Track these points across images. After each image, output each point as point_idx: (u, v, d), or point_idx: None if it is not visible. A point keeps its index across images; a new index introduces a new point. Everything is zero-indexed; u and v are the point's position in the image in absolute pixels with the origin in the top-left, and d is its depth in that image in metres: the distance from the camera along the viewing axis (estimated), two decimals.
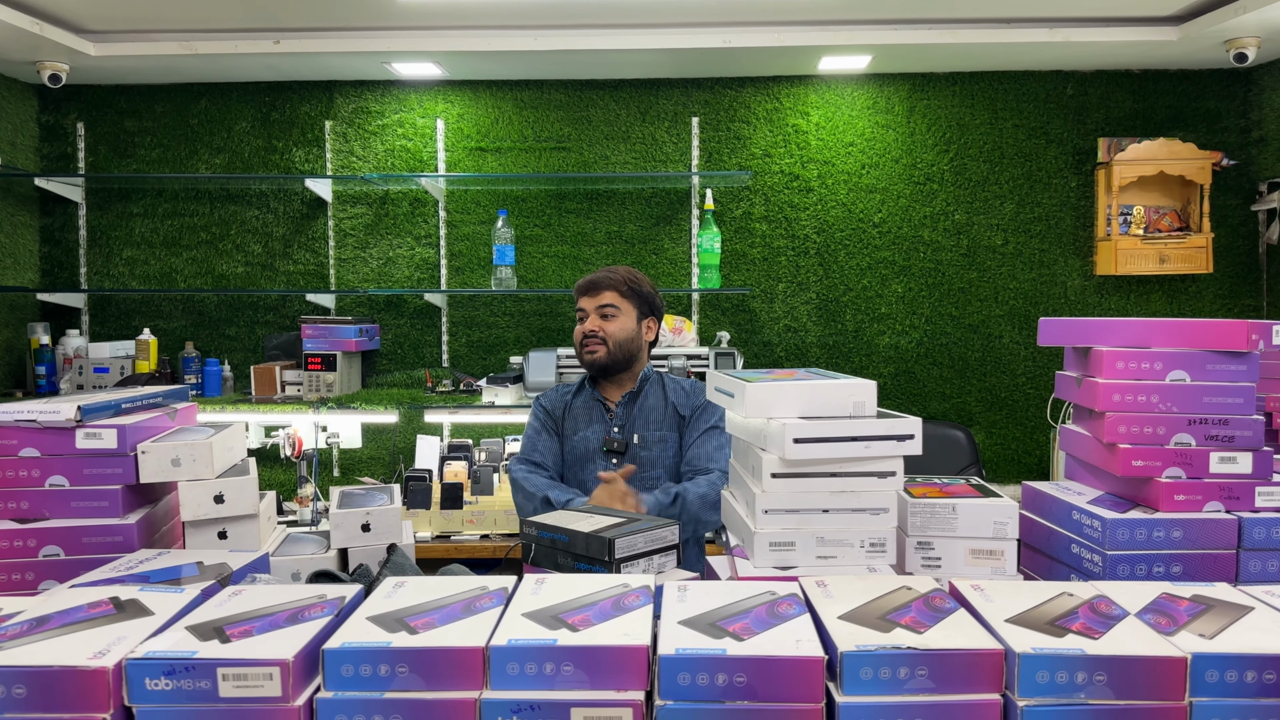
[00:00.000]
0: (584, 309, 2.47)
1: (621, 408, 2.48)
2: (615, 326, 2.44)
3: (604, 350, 2.43)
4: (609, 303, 2.44)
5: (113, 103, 3.89)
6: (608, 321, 2.44)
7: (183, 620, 1.05)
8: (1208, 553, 1.40)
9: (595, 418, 2.48)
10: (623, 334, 2.44)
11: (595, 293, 2.46)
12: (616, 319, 2.45)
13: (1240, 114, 3.75)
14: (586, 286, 2.48)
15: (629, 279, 2.47)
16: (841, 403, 1.40)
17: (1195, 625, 1.01)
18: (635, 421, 2.45)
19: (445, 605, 1.07)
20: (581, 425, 2.48)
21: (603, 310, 2.44)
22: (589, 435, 2.46)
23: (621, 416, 2.47)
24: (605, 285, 2.45)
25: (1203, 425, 1.46)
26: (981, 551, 1.42)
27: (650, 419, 2.45)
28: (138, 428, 1.53)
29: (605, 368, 2.45)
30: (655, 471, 2.39)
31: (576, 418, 2.50)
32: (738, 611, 1.05)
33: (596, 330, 2.44)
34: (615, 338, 2.44)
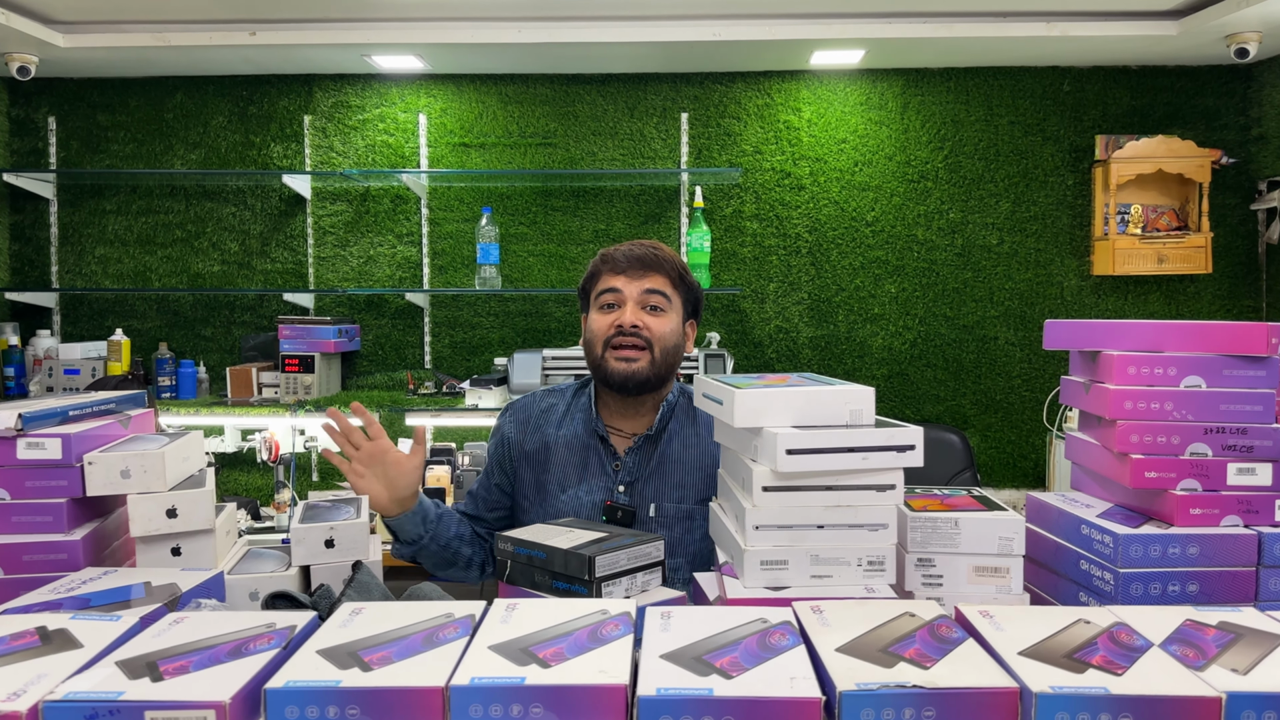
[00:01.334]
0: (619, 291, 1.70)
1: (633, 454, 1.73)
2: (666, 327, 1.71)
3: (647, 359, 1.69)
4: (659, 289, 1.71)
5: (85, 96, 3.77)
6: (655, 318, 1.71)
7: (114, 654, 0.95)
8: (1226, 570, 1.32)
9: (593, 466, 1.73)
10: (673, 338, 1.72)
11: (641, 272, 1.70)
12: (666, 316, 1.72)
13: (1240, 111, 3.68)
14: (628, 261, 1.71)
15: (680, 264, 1.76)
16: (837, 411, 1.31)
17: (1226, 658, 0.92)
18: (651, 481, 1.72)
19: (405, 636, 0.97)
20: (571, 477, 1.73)
21: (650, 299, 1.71)
22: (581, 495, 1.71)
23: (631, 468, 1.72)
24: (655, 265, 1.71)
25: (1220, 434, 1.38)
26: (986, 569, 1.33)
27: (673, 479, 1.71)
28: (85, 436, 1.43)
29: (644, 384, 1.70)
30: (673, 560, 1.66)
31: (564, 463, 1.74)
32: (726, 643, 0.96)
33: (641, 326, 1.69)
34: (664, 342, 1.70)
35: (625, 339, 1.68)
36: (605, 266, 1.74)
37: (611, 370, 1.69)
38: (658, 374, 1.71)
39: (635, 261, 1.71)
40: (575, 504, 1.72)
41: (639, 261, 1.71)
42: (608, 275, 1.73)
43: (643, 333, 1.69)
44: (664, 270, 1.73)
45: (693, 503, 1.71)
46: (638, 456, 1.74)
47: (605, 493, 1.72)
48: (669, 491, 1.71)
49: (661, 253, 1.75)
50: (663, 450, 1.74)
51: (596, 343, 1.72)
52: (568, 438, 1.76)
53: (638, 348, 1.69)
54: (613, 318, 1.71)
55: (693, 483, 1.71)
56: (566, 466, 1.74)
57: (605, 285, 1.73)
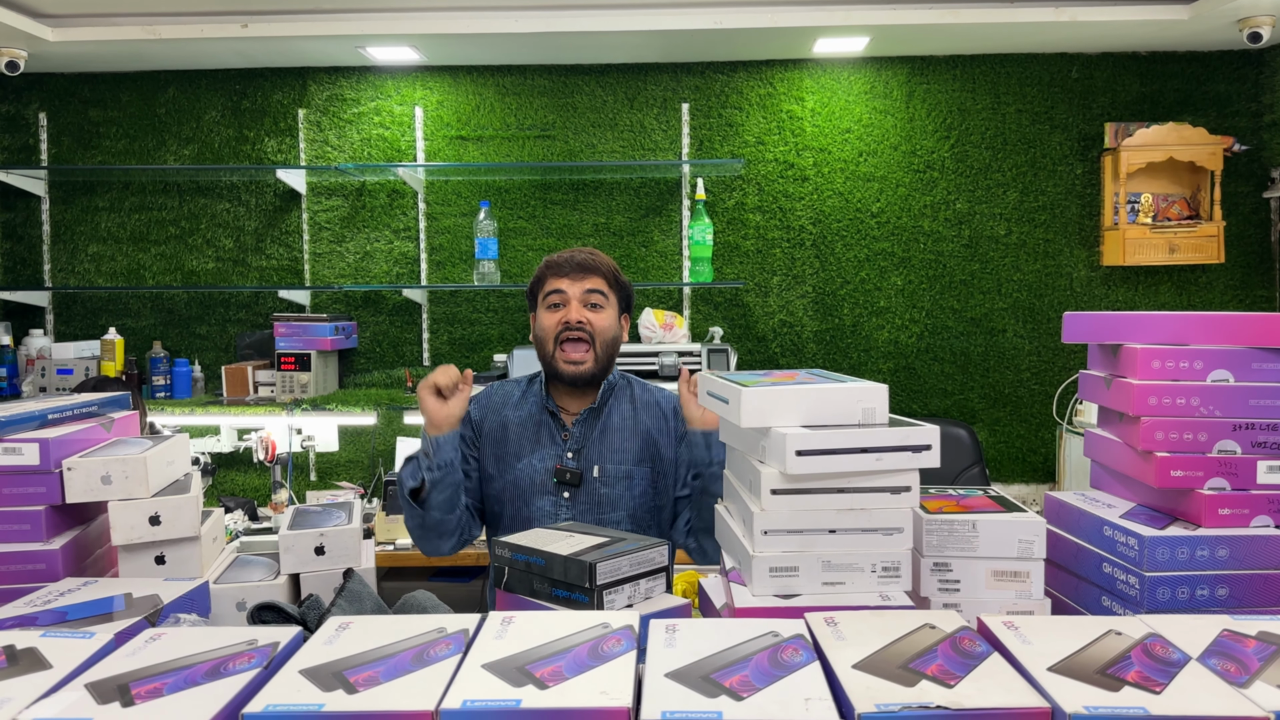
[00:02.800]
0: (562, 292, 1.93)
1: (579, 425, 1.96)
2: (605, 321, 1.95)
3: (592, 355, 1.92)
4: (598, 289, 1.94)
5: (76, 92, 3.71)
6: (596, 314, 1.94)
7: (84, 675, 0.89)
8: (1257, 573, 1.26)
9: (544, 438, 1.96)
10: (610, 332, 1.96)
11: (582, 275, 1.94)
12: (605, 311, 1.95)
13: (1252, 97, 3.61)
14: (570, 266, 1.94)
15: (613, 266, 2.01)
16: (849, 409, 1.24)
17: (1270, 673, 0.87)
18: (595, 447, 1.95)
19: (393, 654, 0.92)
20: (526, 447, 1.96)
21: (590, 298, 1.94)
22: (535, 462, 1.94)
23: (578, 437, 1.96)
24: (593, 268, 1.94)
25: (1249, 431, 1.31)
26: (1005, 573, 1.27)
27: (613, 445, 1.95)
28: (65, 441, 1.37)
29: (591, 379, 1.95)
30: (616, 514, 1.91)
31: (520, 437, 1.97)
32: (735, 660, 0.90)
33: (585, 322, 1.92)
34: (604, 335, 1.94)
35: (573, 336, 1.92)
36: (550, 271, 1.97)
37: (562, 371, 1.94)
38: (601, 367, 1.95)
39: (577, 266, 1.95)
40: (530, 470, 1.95)
41: (580, 266, 1.95)
42: (553, 278, 1.96)
43: (586, 327, 1.92)
44: (601, 273, 1.96)
45: (631, 464, 1.95)
46: (583, 427, 1.97)
47: (555, 458, 1.95)
48: (610, 455, 1.95)
49: (599, 258, 1.99)
50: (604, 422, 1.98)
51: (547, 339, 1.95)
52: (522, 417, 2.00)
53: (583, 342, 1.92)
54: (560, 315, 1.94)
55: (630, 448, 1.96)
56: (522, 440, 1.97)
57: (551, 287, 1.96)
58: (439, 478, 1.82)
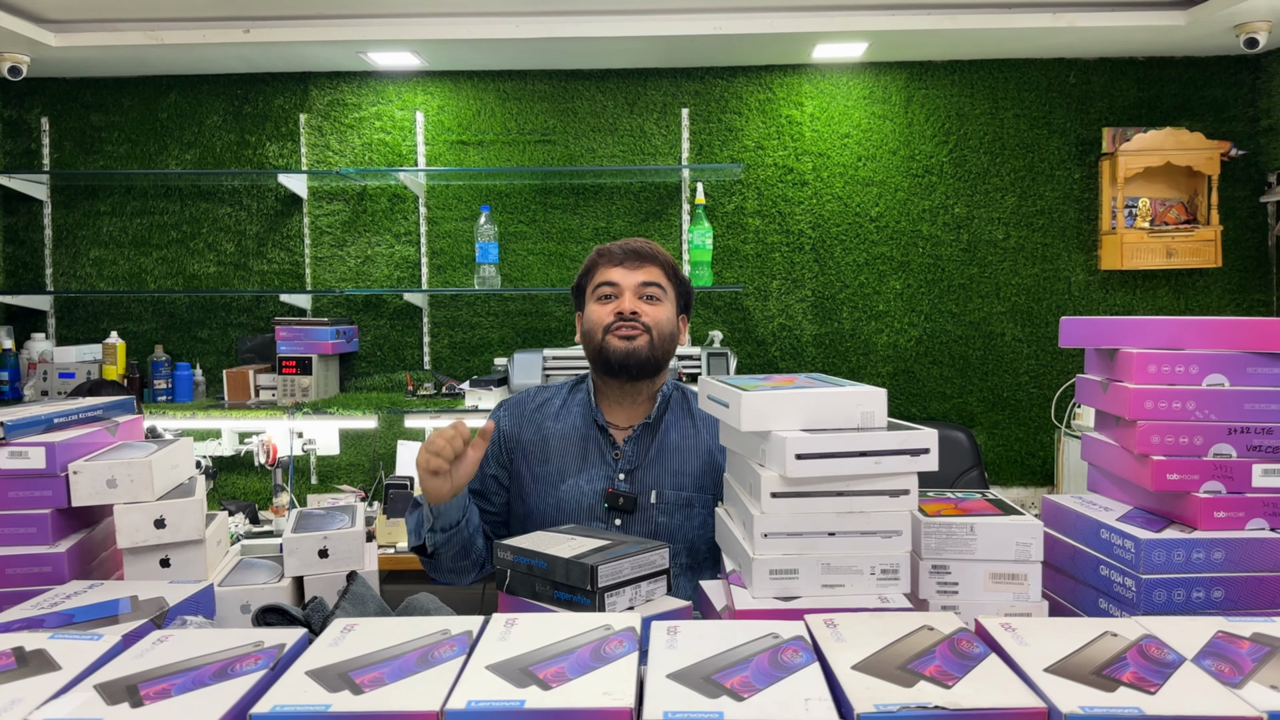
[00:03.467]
0: (616, 284, 1.75)
1: (632, 443, 1.75)
2: (663, 314, 1.76)
3: (646, 339, 1.72)
4: (655, 281, 1.76)
5: (78, 96, 3.73)
6: (652, 306, 1.76)
7: (93, 677, 0.90)
8: (1252, 575, 1.27)
9: (594, 455, 1.75)
10: (669, 326, 1.77)
11: (637, 264, 1.76)
12: (662, 305, 1.77)
13: (1249, 102, 3.62)
14: (624, 254, 1.76)
15: (672, 260, 1.82)
16: (848, 413, 1.26)
17: (1264, 674, 0.88)
18: (651, 469, 1.74)
19: (398, 655, 0.93)
20: (571, 466, 1.74)
21: (646, 290, 1.76)
22: (582, 484, 1.73)
23: (631, 456, 1.75)
24: (651, 258, 1.77)
25: (1244, 434, 1.33)
26: (1003, 576, 1.29)
27: (672, 467, 1.73)
28: (71, 445, 1.38)
29: (644, 365, 1.72)
30: (674, 547, 1.57)
31: (563, 454, 1.76)
32: (736, 661, 0.91)
33: (639, 313, 1.73)
34: (661, 329, 1.74)
35: (626, 325, 1.72)
36: (602, 260, 1.79)
37: (613, 349, 1.72)
38: (655, 357, 1.74)
39: (632, 254, 1.77)
40: (576, 493, 1.73)
41: (635, 254, 1.77)
42: (604, 268, 1.78)
43: (642, 318, 1.73)
44: (659, 263, 1.78)
45: (691, 490, 1.74)
46: (636, 445, 1.76)
47: (606, 481, 1.74)
48: (669, 479, 1.74)
49: (655, 248, 1.80)
50: (661, 439, 1.77)
51: (596, 330, 1.75)
52: (565, 430, 1.78)
53: (639, 330, 1.73)
54: (612, 306, 1.75)
55: (690, 470, 1.74)
56: (566, 457, 1.76)
57: (603, 278, 1.77)
58: (444, 540, 1.63)
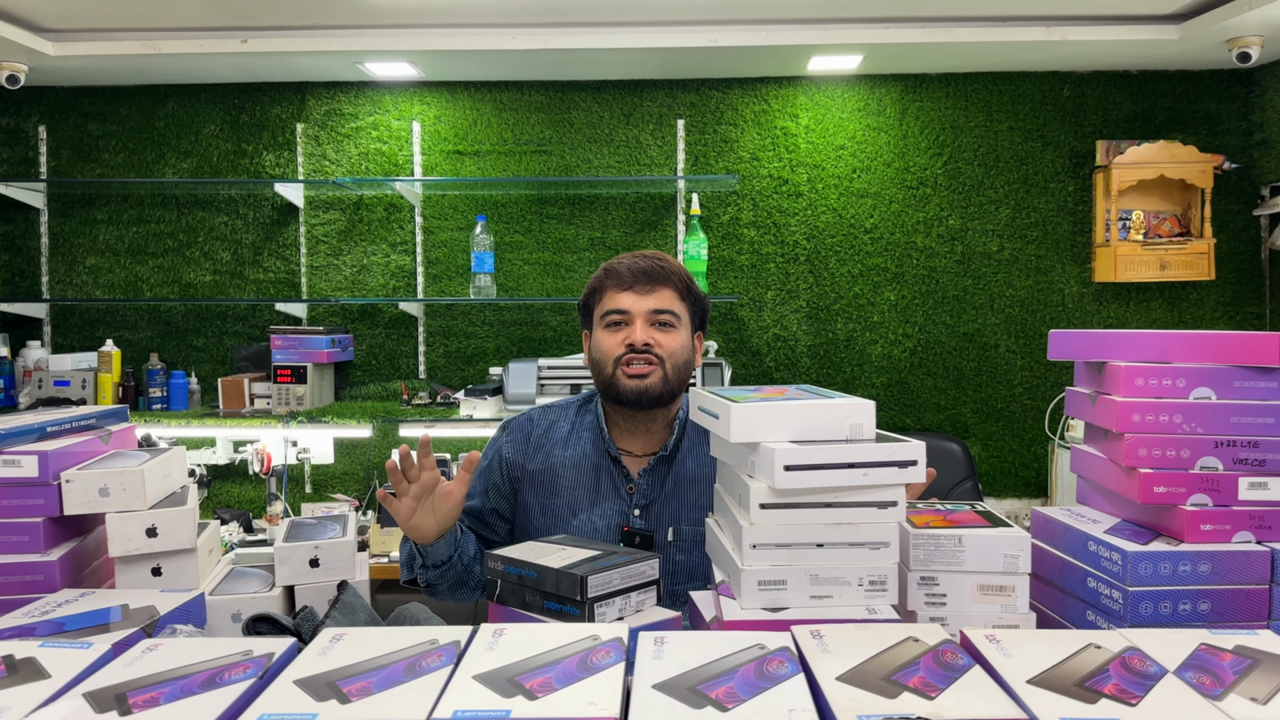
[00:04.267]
0: (626, 311, 1.64)
1: (647, 475, 1.67)
2: (676, 343, 1.66)
3: (659, 374, 1.63)
4: (667, 308, 1.65)
5: (75, 105, 3.74)
6: (665, 334, 1.65)
7: (82, 685, 0.91)
8: (1239, 588, 1.27)
9: (606, 490, 1.67)
10: (683, 354, 1.67)
11: (648, 288, 1.64)
12: (676, 331, 1.66)
13: (1242, 116, 3.64)
14: (633, 275, 1.64)
15: (686, 275, 1.70)
16: (837, 425, 1.27)
17: (1244, 686, 0.88)
18: (668, 503, 1.66)
19: (386, 665, 0.93)
20: (583, 500, 1.66)
21: (659, 318, 1.65)
22: (595, 519, 1.65)
23: (646, 490, 1.66)
24: (663, 279, 1.65)
25: (1230, 448, 1.34)
26: (991, 587, 1.29)
27: (689, 500, 1.65)
28: (63, 453, 1.39)
29: (656, 400, 1.64)
30: (693, 585, 1.60)
31: (574, 485, 1.67)
32: (722, 672, 0.92)
33: (652, 344, 1.63)
34: (676, 359, 1.65)
35: (639, 360, 1.63)
36: (610, 282, 1.67)
37: (625, 388, 1.63)
38: (669, 390, 1.65)
39: (641, 276, 1.65)
40: (589, 529, 1.64)
41: (645, 276, 1.65)
42: (613, 292, 1.67)
43: (655, 350, 1.64)
44: (671, 284, 1.67)
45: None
46: (651, 477, 1.67)
47: (620, 516, 1.65)
48: (686, 513, 1.65)
49: (668, 264, 1.68)
50: (677, 470, 1.68)
51: (607, 362, 1.65)
52: (575, 458, 1.69)
53: (652, 365, 1.63)
54: (622, 335, 1.65)
55: (709, 503, 1.63)
56: (577, 489, 1.67)
57: (612, 304, 1.66)
58: (436, 577, 1.57)
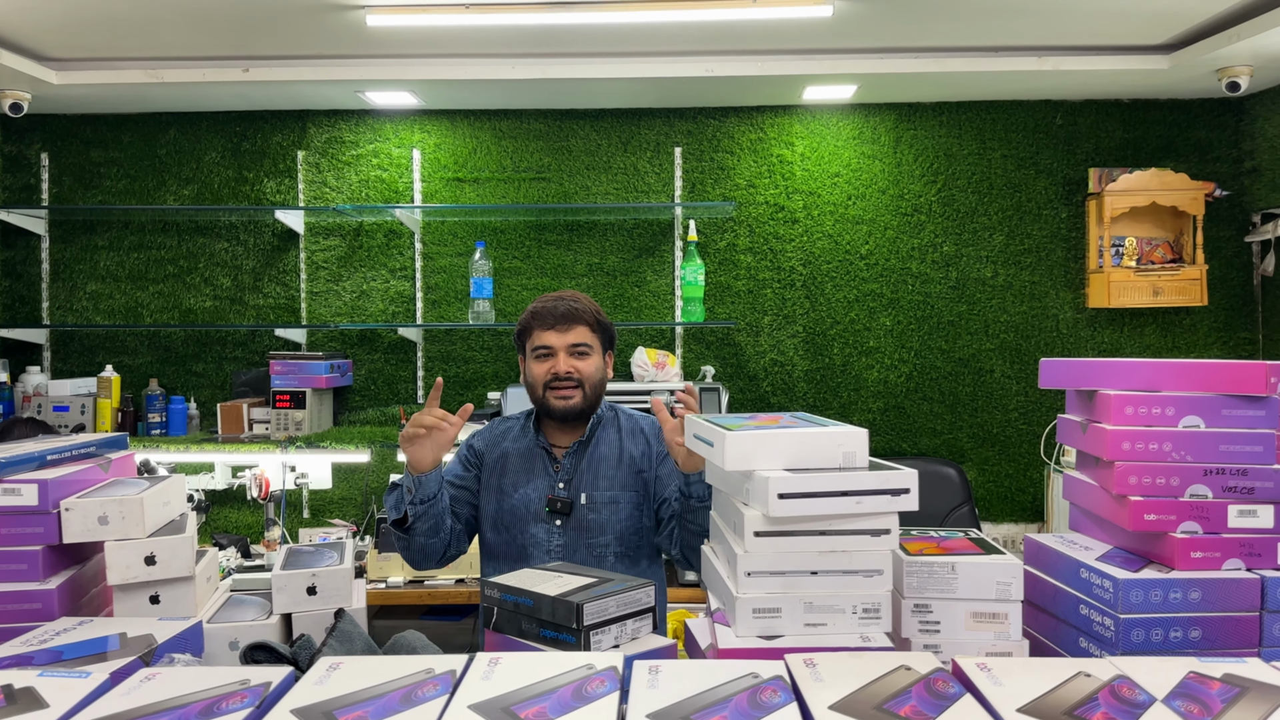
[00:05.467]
0: (550, 346, 2.11)
1: (569, 457, 2.14)
2: (591, 367, 2.13)
3: (580, 395, 2.11)
4: (583, 342, 2.12)
5: (78, 132, 3.77)
6: (582, 361, 2.12)
7: (80, 715, 0.92)
8: (1229, 616, 1.29)
9: (538, 470, 2.14)
10: (597, 375, 2.14)
11: (566, 327, 2.11)
12: (590, 358, 2.13)
13: (1232, 144, 3.68)
14: (554, 318, 2.11)
15: (595, 310, 2.16)
16: (830, 453, 1.28)
17: (1232, 714, 0.89)
18: (583, 476, 2.12)
19: (382, 695, 0.94)
20: (522, 479, 2.13)
21: (577, 348, 2.12)
22: (530, 493, 2.12)
23: (568, 468, 2.13)
24: (577, 318, 2.12)
25: (1220, 476, 1.35)
26: (984, 615, 1.30)
27: (601, 474, 2.12)
28: (63, 482, 1.40)
29: (580, 414, 2.13)
30: (604, 537, 2.07)
31: (516, 469, 2.15)
32: (715, 701, 0.93)
33: (573, 370, 2.10)
34: (591, 380, 2.13)
35: (563, 385, 2.10)
36: (536, 323, 2.12)
37: (554, 407, 2.12)
38: (589, 404, 2.13)
39: (561, 318, 2.10)
40: (525, 500, 2.11)
41: (565, 318, 2.10)
42: (539, 331, 2.12)
43: (575, 375, 2.10)
44: (584, 321, 2.12)
45: (616, 489, 2.11)
46: (573, 459, 2.14)
47: (548, 488, 2.11)
48: (598, 483, 2.11)
49: (581, 305, 2.13)
50: (592, 452, 2.15)
51: (538, 385, 2.13)
52: (519, 449, 2.18)
53: (574, 388, 2.10)
54: (548, 365, 2.11)
55: (616, 475, 2.12)
56: (518, 471, 2.15)
57: (538, 341, 2.12)
58: (421, 511, 1.97)
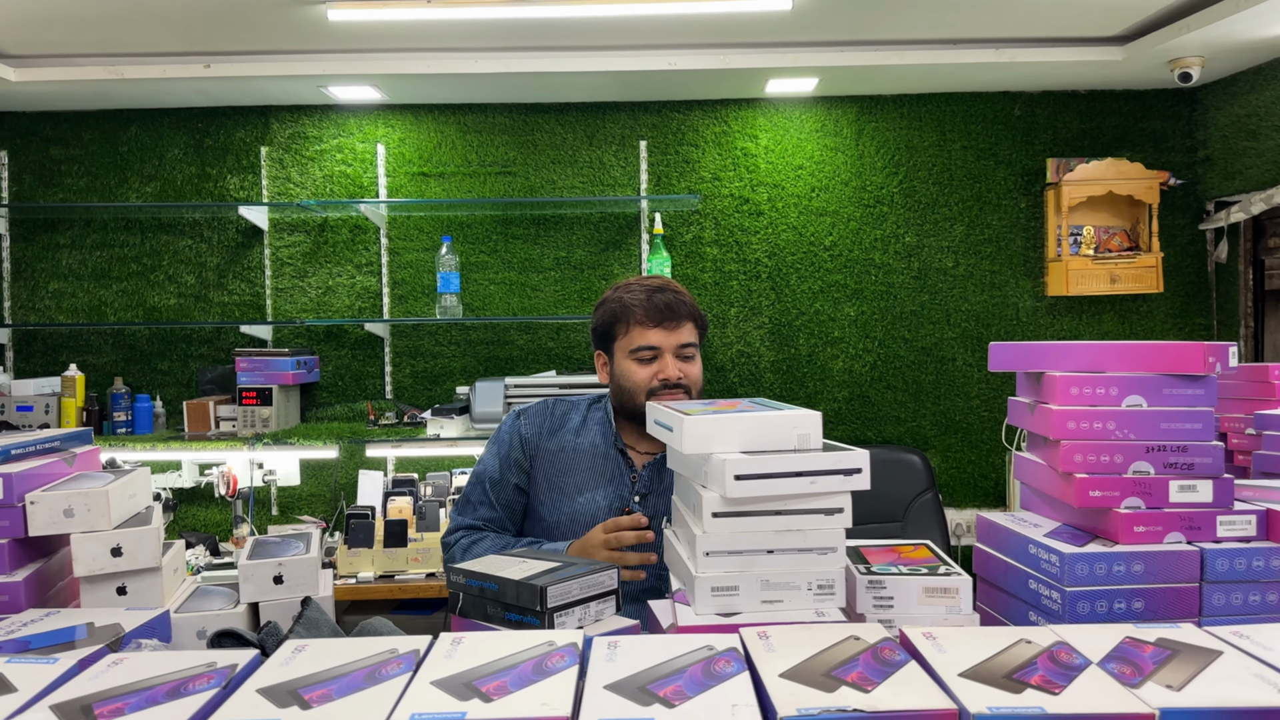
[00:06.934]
0: (656, 347, 1.81)
1: (650, 470, 1.85)
2: (698, 371, 1.85)
3: (687, 399, 1.81)
4: (690, 341, 1.84)
5: (38, 130, 3.74)
6: (690, 364, 1.84)
7: (49, 698, 0.93)
8: (1170, 586, 1.34)
9: (610, 474, 1.84)
10: (702, 380, 1.86)
11: (674, 325, 1.81)
12: (696, 360, 1.85)
13: (1186, 134, 3.76)
14: (659, 313, 1.81)
15: (693, 302, 1.88)
16: (785, 436, 1.32)
17: (1162, 675, 0.94)
18: (665, 496, 1.82)
19: (346, 673, 0.96)
20: (589, 481, 1.83)
21: (685, 351, 1.83)
22: (599, 499, 1.82)
23: (646, 481, 1.84)
24: (684, 314, 1.83)
25: (1161, 453, 1.40)
26: (935, 590, 1.34)
27: None
28: (28, 475, 1.40)
29: None
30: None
31: (583, 468, 1.84)
32: (670, 672, 0.96)
33: (681, 378, 1.81)
34: (698, 384, 1.85)
35: (671, 390, 1.80)
36: (635, 319, 1.82)
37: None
38: None
39: (667, 312, 1.80)
40: (592, 507, 1.81)
41: (670, 312, 1.81)
42: (639, 329, 1.82)
43: (684, 381, 1.82)
44: (690, 316, 1.84)
45: None
46: (653, 472, 1.84)
47: (621, 500, 1.83)
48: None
49: (683, 297, 1.84)
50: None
51: (639, 392, 1.81)
52: (586, 445, 1.86)
53: (681, 393, 1.81)
54: (654, 370, 1.81)
55: None
56: (587, 471, 1.84)
57: (641, 340, 1.81)
58: None
